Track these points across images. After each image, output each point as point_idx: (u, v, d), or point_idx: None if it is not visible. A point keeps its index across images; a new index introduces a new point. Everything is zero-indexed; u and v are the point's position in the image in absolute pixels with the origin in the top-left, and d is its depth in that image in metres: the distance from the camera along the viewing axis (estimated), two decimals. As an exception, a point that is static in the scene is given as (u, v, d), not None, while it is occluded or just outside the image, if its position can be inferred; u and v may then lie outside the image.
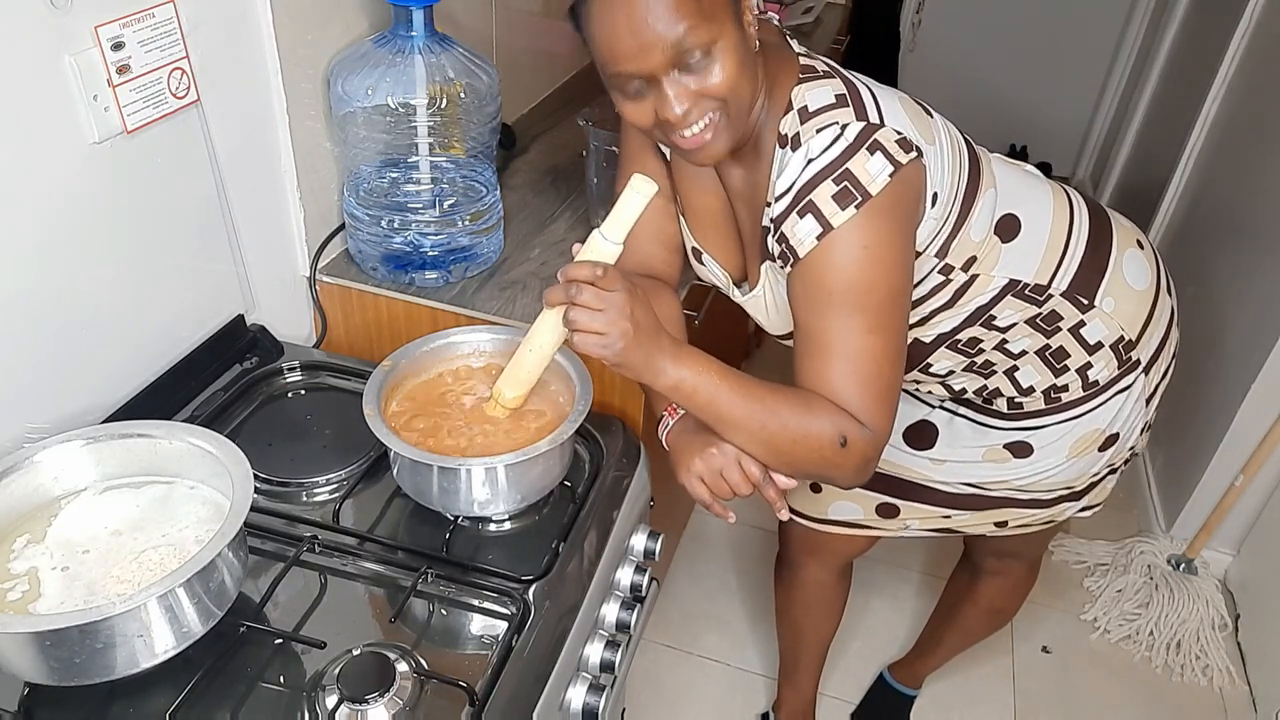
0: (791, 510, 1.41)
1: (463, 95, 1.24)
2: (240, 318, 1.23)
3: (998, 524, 1.29)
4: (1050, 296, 1.09)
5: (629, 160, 1.10)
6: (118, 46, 0.95)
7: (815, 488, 1.34)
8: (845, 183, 0.87)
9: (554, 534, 1.02)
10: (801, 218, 0.89)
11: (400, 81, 1.21)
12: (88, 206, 0.97)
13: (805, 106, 0.92)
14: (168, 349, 1.13)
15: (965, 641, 1.68)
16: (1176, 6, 3.08)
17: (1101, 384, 1.15)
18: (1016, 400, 1.17)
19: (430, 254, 1.31)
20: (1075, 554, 2.18)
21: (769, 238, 0.95)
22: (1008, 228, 1.05)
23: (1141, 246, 1.17)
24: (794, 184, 0.90)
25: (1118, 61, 3.62)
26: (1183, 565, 2.07)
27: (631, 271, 1.13)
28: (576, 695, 0.96)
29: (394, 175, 1.29)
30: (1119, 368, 1.14)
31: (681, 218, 1.11)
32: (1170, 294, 1.20)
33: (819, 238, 0.89)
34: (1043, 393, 1.15)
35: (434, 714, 0.83)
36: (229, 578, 0.84)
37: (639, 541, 1.14)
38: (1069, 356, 1.13)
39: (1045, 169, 4.21)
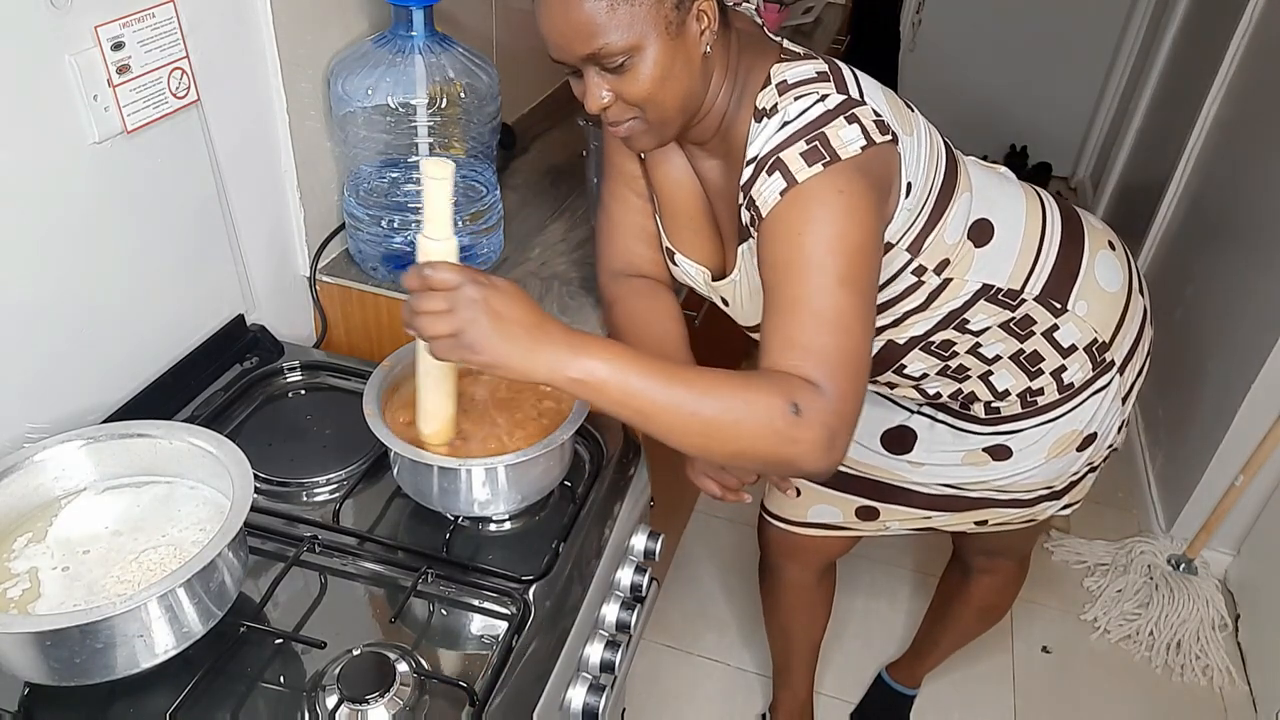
0: (770, 514, 1.42)
1: (463, 95, 1.24)
2: (240, 318, 1.23)
3: (978, 523, 1.30)
4: (1023, 301, 1.09)
5: (609, 162, 1.11)
6: (118, 46, 0.95)
7: (795, 490, 1.34)
8: (816, 143, 0.86)
9: (554, 534, 1.02)
10: (769, 175, 0.87)
11: (400, 81, 1.21)
12: (88, 206, 0.97)
13: (785, 80, 0.91)
14: (168, 349, 1.13)
15: (961, 640, 1.69)
16: (1176, 6, 3.09)
17: (1077, 386, 1.15)
18: (993, 405, 1.17)
19: (430, 254, 1.31)
20: (1075, 554, 2.18)
21: (741, 209, 0.94)
22: (981, 232, 1.05)
23: (1113, 248, 1.18)
24: (766, 145, 0.89)
25: (1118, 61, 3.62)
26: (1183, 565, 2.07)
27: (622, 273, 1.14)
28: (576, 695, 0.96)
29: (394, 175, 1.29)
30: (1094, 369, 1.15)
31: (658, 218, 1.11)
32: (1143, 293, 1.21)
33: (783, 193, 0.86)
34: (1018, 396, 1.16)
35: (434, 714, 0.83)
36: (229, 578, 0.84)
37: (639, 541, 1.14)
38: (1043, 360, 1.13)
39: (1045, 169, 4.22)
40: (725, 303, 1.10)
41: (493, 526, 1.05)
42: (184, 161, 1.08)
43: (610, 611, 1.06)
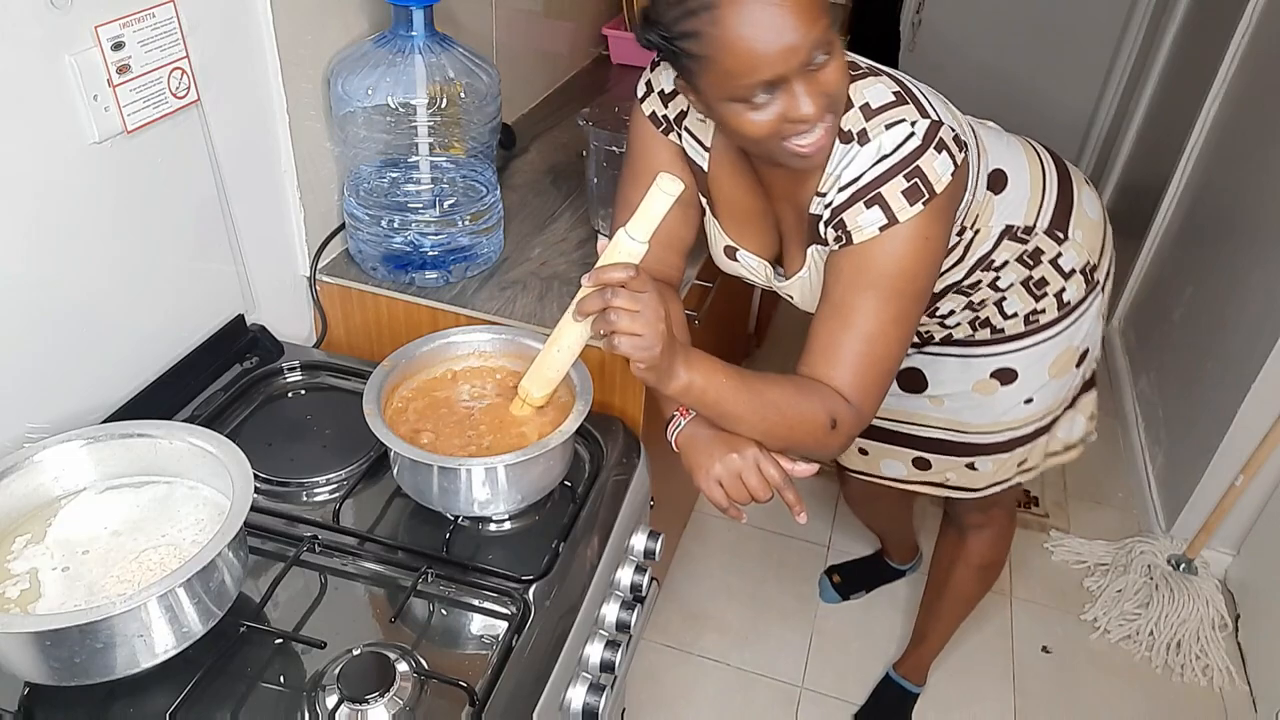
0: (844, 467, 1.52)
1: (463, 95, 1.24)
2: (240, 318, 1.23)
3: (1020, 465, 1.37)
4: (1035, 234, 1.18)
5: (649, 168, 1.08)
6: (118, 46, 0.95)
7: (863, 450, 1.45)
8: (916, 180, 0.92)
9: (554, 534, 1.02)
10: (868, 208, 0.93)
11: (400, 81, 1.21)
12: (88, 206, 0.97)
13: (867, 104, 0.95)
14: (168, 349, 1.13)
15: (963, 607, 1.72)
16: (1176, 6, 3.09)
17: (1073, 304, 1.25)
18: (999, 327, 1.25)
19: (430, 254, 1.31)
20: (1075, 554, 2.18)
21: (820, 224, 0.99)
22: (997, 181, 1.13)
23: (1088, 183, 1.30)
24: (862, 176, 0.94)
25: (1118, 61, 3.62)
26: (1183, 565, 2.07)
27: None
28: (576, 695, 0.96)
29: (394, 175, 1.29)
30: (1086, 288, 1.26)
31: (715, 220, 1.14)
32: (1108, 222, 1.32)
33: (882, 229, 0.93)
34: (1024, 317, 1.24)
35: (434, 714, 0.83)
36: (229, 578, 0.84)
37: (639, 541, 1.14)
38: (1048, 284, 1.22)
39: (1045, 169, 4.15)
40: (790, 297, 1.17)
41: (493, 526, 1.05)
42: (184, 161, 1.08)
43: (610, 611, 1.06)
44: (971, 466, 1.37)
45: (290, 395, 1.22)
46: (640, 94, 1.09)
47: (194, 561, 0.78)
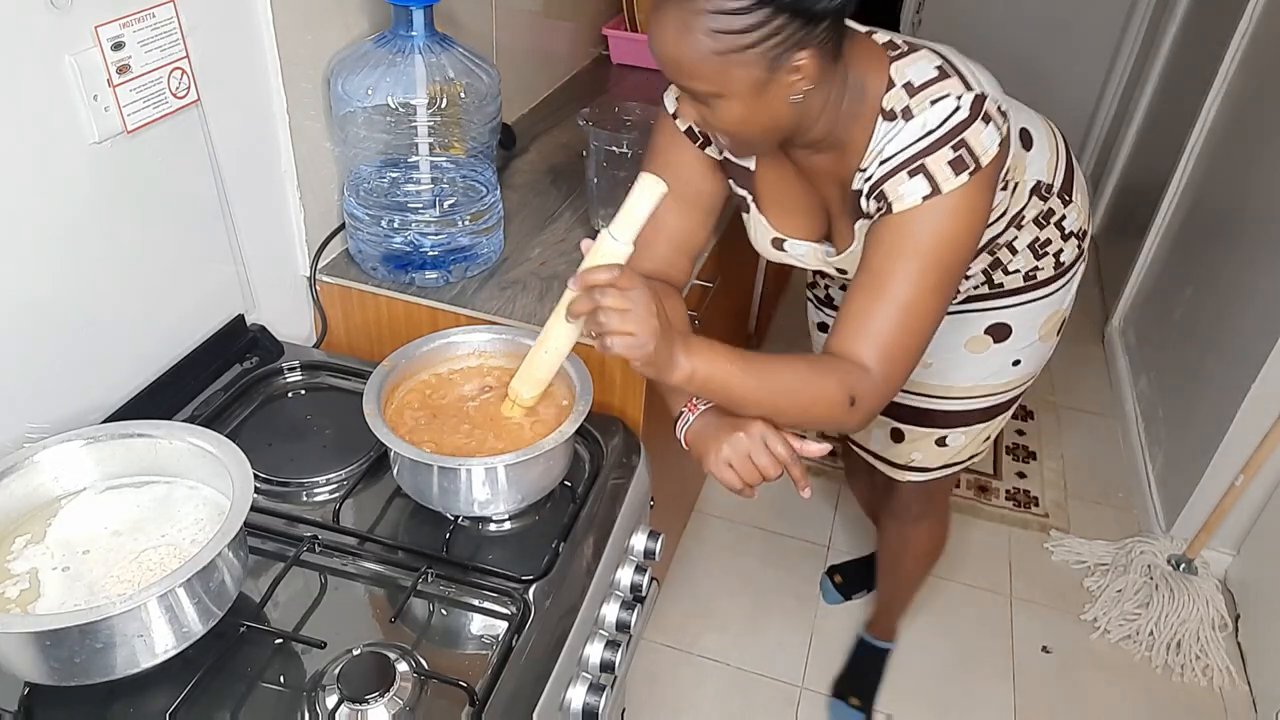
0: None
1: (463, 95, 1.24)
2: (240, 318, 1.23)
3: (986, 439, 1.40)
4: (1052, 193, 1.20)
5: (667, 167, 1.11)
6: (118, 46, 0.95)
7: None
8: (961, 151, 0.92)
9: (554, 534, 1.02)
10: (911, 177, 0.93)
11: (400, 81, 1.21)
12: (88, 206, 0.97)
13: (910, 82, 0.95)
14: (168, 349, 1.13)
15: (917, 584, 1.78)
16: (1176, 6, 3.09)
17: (1067, 265, 1.28)
18: (998, 282, 1.26)
19: (430, 254, 1.31)
20: (1075, 554, 2.18)
21: (862, 198, 1.00)
22: (1026, 138, 1.14)
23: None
24: (905, 149, 0.94)
25: (1118, 61, 3.62)
26: (1183, 565, 2.07)
27: (648, 275, 1.15)
28: (576, 695, 0.96)
29: (394, 175, 1.29)
30: (1077, 253, 1.28)
31: (761, 216, 1.16)
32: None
33: (925, 198, 0.92)
34: (1023, 274, 1.26)
35: (434, 714, 0.83)
36: (229, 578, 0.84)
37: (639, 541, 1.14)
38: (1050, 244, 1.24)
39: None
40: (844, 271, 1.17)
41: (493, 526, 1.05)
42: (184, 161, 1.08)
43: (610, 611, 1.06)
44: (942, 442, 1.38)
45: (290, 395, 1.22)
46: (672, 110, 1.10)
47: (194, 561, 0.78)
